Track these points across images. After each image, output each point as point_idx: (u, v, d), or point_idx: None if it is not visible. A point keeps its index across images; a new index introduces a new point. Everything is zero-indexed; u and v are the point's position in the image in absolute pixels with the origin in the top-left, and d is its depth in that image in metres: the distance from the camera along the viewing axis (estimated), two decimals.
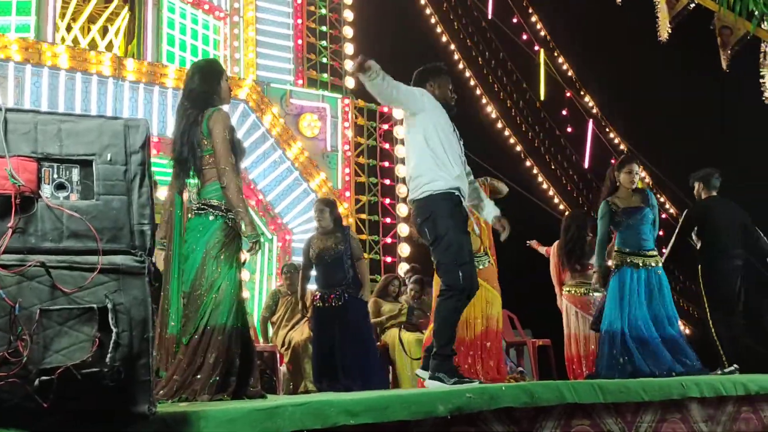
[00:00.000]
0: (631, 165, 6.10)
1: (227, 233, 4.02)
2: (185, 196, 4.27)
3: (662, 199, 13.89)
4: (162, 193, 9.13)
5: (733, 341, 6.19)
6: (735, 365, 5.92)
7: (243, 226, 4.07)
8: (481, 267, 5.60)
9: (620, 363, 5.62)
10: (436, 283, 4.96)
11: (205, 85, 4.17)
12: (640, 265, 5.91)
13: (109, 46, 11.50)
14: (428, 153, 4.22)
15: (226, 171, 3.98)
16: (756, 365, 6.05)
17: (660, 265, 6.03)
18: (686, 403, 3.86)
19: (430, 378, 4.06)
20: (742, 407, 4.12)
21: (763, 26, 9.46)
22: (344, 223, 7.03)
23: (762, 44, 9.81)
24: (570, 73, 14.55)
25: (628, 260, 5.92)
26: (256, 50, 11.11)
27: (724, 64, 9.56)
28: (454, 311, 4.10)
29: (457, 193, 4.21)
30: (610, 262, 6.15)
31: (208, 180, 4.08)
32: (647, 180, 13.68)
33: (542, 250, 7.67)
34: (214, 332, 3.85)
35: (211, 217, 4.02)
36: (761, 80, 9.73)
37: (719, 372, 5.86)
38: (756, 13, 9.28)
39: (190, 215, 4.12)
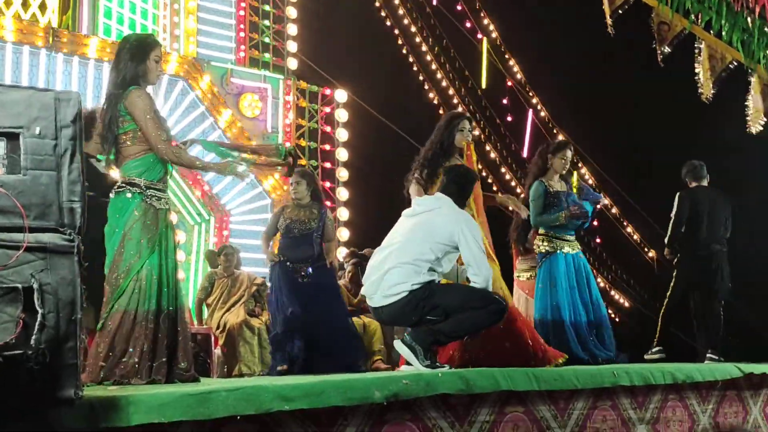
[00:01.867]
0: (565, 151, 6.12)
1: (146, 212, 3.85)
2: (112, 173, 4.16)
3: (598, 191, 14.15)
4: None
5: (715, 327, 6.36)
6: (659, 348, 6.15)
7: (218, 170, 4.09)
8: None
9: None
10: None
11: (132, 63, 3.97)
12: (568, 250, 5.98)
13: (49, 20, 11.09)
14: None
15: (160, 148, 3.85)
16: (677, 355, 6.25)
17: (580, 250, 6.10)
18: (617, 390, 3.93)
19: (405, 342, 4.00)
20: (669, 395, 4.22)
21: (698, 24, 9.66)
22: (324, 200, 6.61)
23: (696, 41, 10.03)
24: (512, 63, 14.67)
25: (558, 245, 5.91)
26: (197, 26, 10.87)
27: (659, 59, 9.74)
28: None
29: None
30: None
31: (126, 158, 3.92)
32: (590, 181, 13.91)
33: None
34: (138, 318, 3.71)
35: (128, 195, 3.86)
36: (696, 77, 9.94)
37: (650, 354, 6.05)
38: (691, 10, 9.47)
39: (112, 194, 3.97)
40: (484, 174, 14.28)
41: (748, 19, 9.68)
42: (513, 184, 14.19)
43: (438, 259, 4.07)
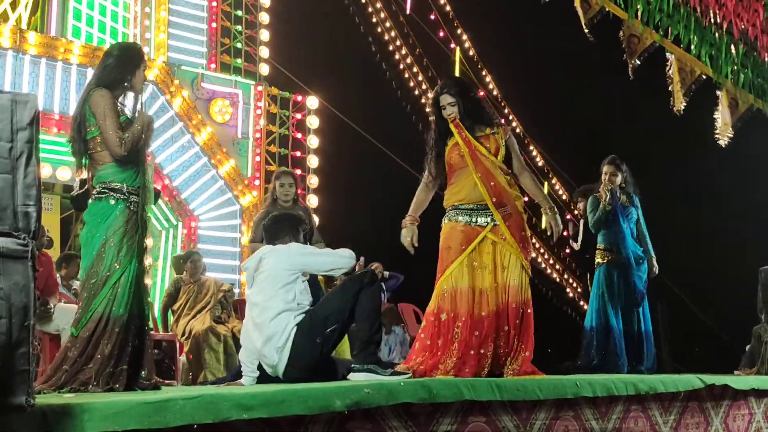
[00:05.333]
0: (601, 167, 6.54)
1: (129, 218, 3.86)
2: (83, 176, 4.11)
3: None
4: (45, 171, 8.83)
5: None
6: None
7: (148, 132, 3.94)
8: None
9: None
10: None
11: (118, 71, 3.98)
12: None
13: (19, 20, 10.96)
14: None
15: (113, 149, 3.82)
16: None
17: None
18: (579, 401, 3.94)
19: (357, 370, 4.03)
20: (631, 406, 4.24)
21: (668, 38, 9.80)
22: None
23: (666, 54, 10.16)
24: (485, 73, 14.74)
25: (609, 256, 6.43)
26: (167, 31, 10.79)
27: (630, 72, 9.86)
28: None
29: None
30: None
31: (101, 163, 3.91)
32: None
33: None
34: (110, 324, 3.71)
35: (112, 201, 3.85)
36: (669, 88, 10.07)
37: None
38: (660, 24, 9.60)
39: (90, 199, 3.95)
40: None
41: (716, 35, 9.84)
42: None
43: (298, 292, 4.24)
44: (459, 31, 14.41)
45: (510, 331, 4.38)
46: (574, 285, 14.66)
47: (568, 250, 14.24)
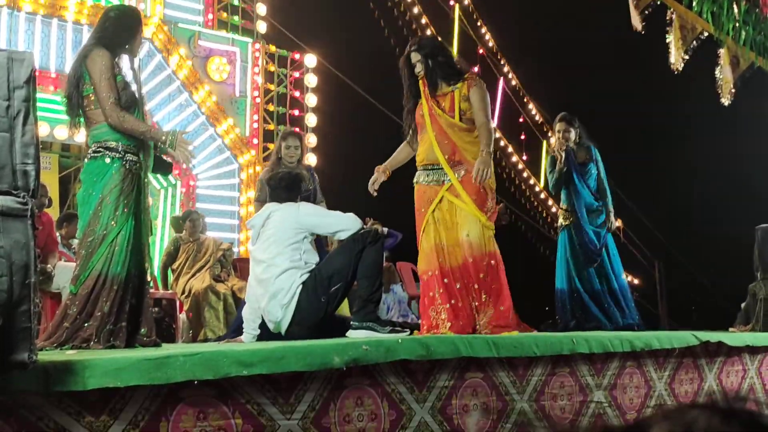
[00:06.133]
0: (555, 124, 6.50)
1: (125, 177, 3.86)
2: (80, 135, 4.11)
3: None
4: (43, 130, 8.79)
5: None
6: None
7: (159, 142, 3.97)
8: None
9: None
10: None
11: (117, 33, 3.99)
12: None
13: None
14: None
15: (106, 110, 3.82)
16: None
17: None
18: (575, 358, 3.99)
19: (356, 327, 4.09)
20: (627, 362, 4.29)
21: None
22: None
23: (668, 11, 10.07)
24: (483, 30, 14.62)
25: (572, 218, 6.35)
26: None
27: (638, 26, 9.77)
28: None
29: None
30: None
31: (95, 122, 3.91)
32: None
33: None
34: (108, 282, 3.74)
35: (107, 160, 3.85)
36: (668, 45, 10.00)
37: None
38: None
39: (86, 158, 3.95)
40: None
41: None
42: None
43: (304, 251, 4.29)
44: None
45: (475, 286, 4.41)
46: None
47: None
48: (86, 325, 3.69)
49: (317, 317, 4.20)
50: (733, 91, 10.08)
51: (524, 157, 15.11)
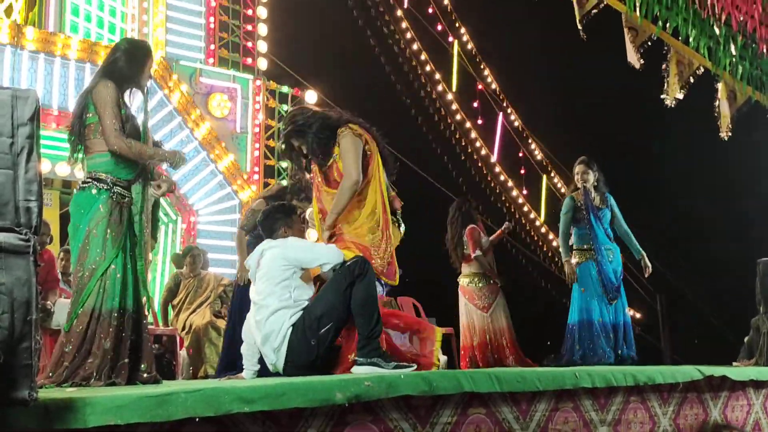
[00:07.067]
0: (574, 167, 6.69)
1: (113, 209, 3.80)
2: (81, 171, 4.11)
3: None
4: (45, 167, 8.82)
5: None
6: None
7: (162, 163, 4.02)
8: None
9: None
10: None
11: (127, 66, 3.99)
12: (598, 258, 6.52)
13: (9, 11, 10.95)
14: None
15: (110, 138, 3.79)
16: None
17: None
18: (578, 392, 3.96)
19: (361, 363, 3.99)
20: (630, 397, 4.26)
21: (667, 30, 9.79)
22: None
23: (665, 47, 10.15)
24: (483, 66, 14.74)
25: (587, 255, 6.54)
26: (165, 26, 10.78)
27: (636, 64, 9.85)
28: None
29: None
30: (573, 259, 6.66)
31: (92, 152, 3.88)
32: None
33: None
34: (103, 318, 3.68)
35: (94, 191, 3.80)
36: (665, 79, 10.07)
37: None
38: (659, 16, 9.60)
39: (75, 190, 3.92)
40: (454, 174, 14.36)
41: (715, 27, 9.83)
42: (482, 186, 14.27)
43: (294, 288, 4.11)
44: (457, 25, 14.40)
45: None
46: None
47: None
48: (86, 362, 3.64)
49: (308, 359, 4.07)
50: (730, 126, 10.14)
51: (524, 191, 15.15)
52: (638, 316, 13.47)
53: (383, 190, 4.43)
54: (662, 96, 9.82)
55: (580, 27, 9.64)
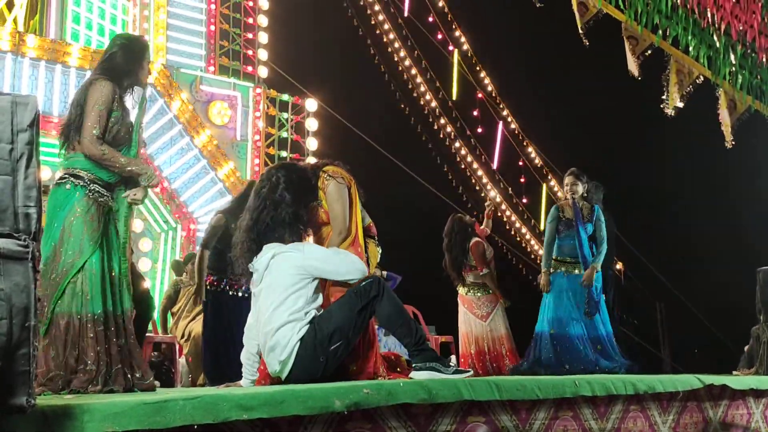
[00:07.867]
0: (564, 178, 6.68)
1: (89, 208, 3.62)
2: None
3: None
4: (44, 174, 8.81)
5: None
6: None
7: (137, 177, 3.71)
8: None
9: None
10: None
11: (125, 61, 3.87)
12: (574, 271, 6.45)
13: (15, 22, 10.97)
14: None
15: (85, 140, 3.62)
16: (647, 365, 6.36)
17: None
18: (578, 401, 3.95)
19: (419, 368, 3.87)
20: (630, 406, 4.25)
21: (666, 39, 9.82)
22: None
23: (665, 56, 10.17)
24: (483, 75, 14.76)
25: (561, 266, 6.49)
26: (166, 33, 10.80)
27: (635, 72, 9.87)
28: None
29: None
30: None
31: (74, 149, 3.73)
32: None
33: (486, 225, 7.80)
34: (84, 323, 3.53)
35: (68, 186, 3.63)
36: (665, 88, 10.08)
37: None
38: (659, 25, 9.63)
39: (51, 186, 3.73)
40: (454, 184, 14.37)
41: (714, 36, 9.86)
42: (482, 194, 14.26)
43: (305, 298, 3.91)
44: (457, 33, 14.43)
45: None
46: None
47: None
48: (80, 369, 3.57)
49: (314, 375, 3.95)
50: (731, 137, 10.16)
51: (524, 200, 15.16)
52: (637, 323, 13.44)
53: (359, 222, 4.41)
54: (662, 105, 9.84)
55: (581, 33, 9.66)
